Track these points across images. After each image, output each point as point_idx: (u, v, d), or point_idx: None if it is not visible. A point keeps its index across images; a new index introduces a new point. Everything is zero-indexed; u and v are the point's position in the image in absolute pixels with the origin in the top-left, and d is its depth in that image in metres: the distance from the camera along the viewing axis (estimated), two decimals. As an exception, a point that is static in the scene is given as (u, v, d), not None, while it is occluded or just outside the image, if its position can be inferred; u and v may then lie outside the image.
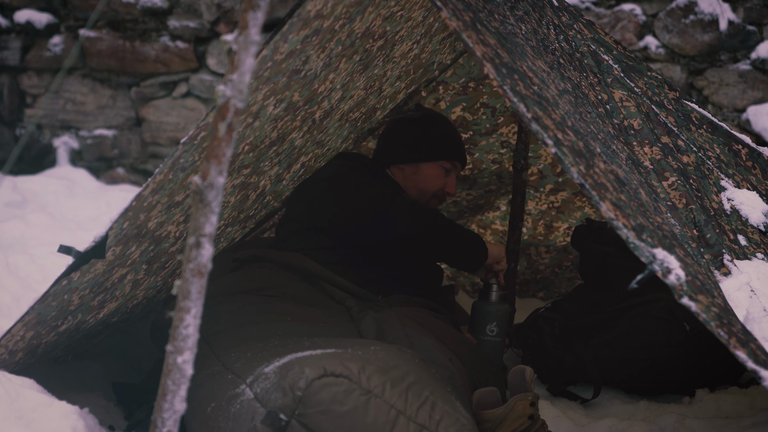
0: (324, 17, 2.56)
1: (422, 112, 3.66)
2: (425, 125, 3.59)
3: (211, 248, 1.79)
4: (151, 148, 6.28)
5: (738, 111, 5.67)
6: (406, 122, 3.63)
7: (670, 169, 3.03)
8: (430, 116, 3.64)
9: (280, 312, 2.88)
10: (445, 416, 2.43)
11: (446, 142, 3.58)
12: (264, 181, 3.25)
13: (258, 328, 2.77)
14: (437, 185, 3.55)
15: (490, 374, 2.99)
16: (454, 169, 3.59)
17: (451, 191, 3.58)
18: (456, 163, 3.59)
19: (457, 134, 3.64)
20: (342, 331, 2.82)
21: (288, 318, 2.84)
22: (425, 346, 2.80)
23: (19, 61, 6.26)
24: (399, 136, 3.61)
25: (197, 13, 6.13)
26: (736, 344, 2.22)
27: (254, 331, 2.76)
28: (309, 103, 3.00)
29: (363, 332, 2.85)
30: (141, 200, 2.59)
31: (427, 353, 2.76)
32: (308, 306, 2.95)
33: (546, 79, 2.66)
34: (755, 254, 2.90)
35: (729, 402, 3.25)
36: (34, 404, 2.42)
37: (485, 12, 2.58)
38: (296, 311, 2.90)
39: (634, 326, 3.50)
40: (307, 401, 2.37)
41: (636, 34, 5.72)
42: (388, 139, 3.64)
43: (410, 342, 2.81)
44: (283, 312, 2.88)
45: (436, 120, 3.63)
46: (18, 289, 3.87)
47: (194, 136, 2.54)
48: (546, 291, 4.64)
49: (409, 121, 3.63)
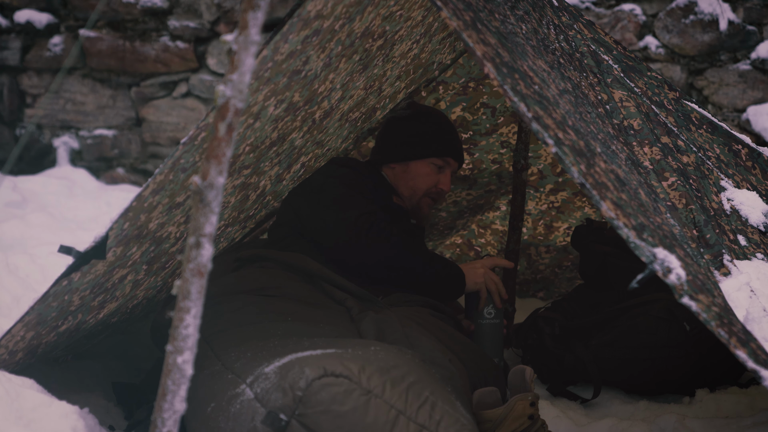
0: (324, 17, 2.56)
1: (413, 110, 3.60)
2: (413, 123, 3.54)
3: (211, 248, 1.79)
4: (151, 148, 6.28)
5: (738, 111, 5.67)
6: (396, 121, 3.59)
7: (669, 170, 3.03)
8: (421, 113, 3.58)
9: (280, 312, 2.87)
10: (445, 416, 2.43)
11: (435, 138, 3.52)
12: (264, 181, 3.25)
13: (258, 328, 2.77)
14: (428, 183, 3.50)
15: (490, 374, 2.98)
16: (448, 166, 3.53)
17: (445, 188, 3.51)
18: (448, 160, 3.53)
19: (448, 130, 3.57)
20: (342, 332, 2.82)
21: (288, 318, 2.84)
22: (425, 346, 2.80)
23: (19, 61, 6.26)
24: (388, 135, 3.58)
25: (197, 13, 6.13)
26: (737, 344, 2.22)
27: (254, 331, 2.76)
28: (309, 103, 3.00)
29: (363, 333, 2.85)
30: (141, 201, 2.59)
31: (427, 354, 2.75)
32: (309, 306, 2.95)
33: (546, 79, 2.66)
34: (755, 254, 2.90)
35: (729, 402, 3.25)
36: (34, 404, 2.42)
37: (486, 11, 2.58)
38: (296, 311, 2.89)
39: (634, 326, 3.50)
40: (307, 401, 2.37)
41: (636, 34, 5.72)
42: (380, 138, 3.61)
43: (410, 343, 2.80)
44: (284, 312, 2.87)
45: (425, 117, 3.57)
46: (18, 289, 3.87)
47: (194, 137, 2.54)
48: (546, 291, 4.64)
49: (399, 119, 3.59)
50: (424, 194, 3.52)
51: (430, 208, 3.57)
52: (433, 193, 3.52)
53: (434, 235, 4.52)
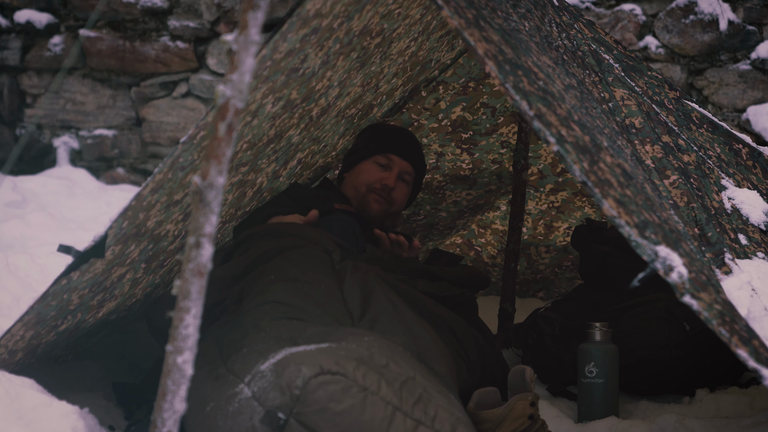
0: (323, 16, 2.56)
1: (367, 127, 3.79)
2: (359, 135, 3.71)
3: (211, 248, 1.79)
4: (151, 148, 6.27)
5: (738, 111, 5.67)
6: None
7: (671, 168, 3.03)
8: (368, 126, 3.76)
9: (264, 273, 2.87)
10: (440, 411, 2.44)
11: (374, 139, 3.62)
12: (261, 178, 3.25)
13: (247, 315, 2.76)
14: (369, 179, 3.56)
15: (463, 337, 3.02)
16: (393, 164, 3.58)
17: (389, 183, 3.55)
18: (391, 157, 3.59)
19: (393, 133, 3.66)
20: (327, 302, 2.80)
21: (272, 276, 2.83)
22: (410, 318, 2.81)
23: (19, 61, 6.25)
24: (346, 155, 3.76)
25: (197, 13, 6.13)
26: (738, 342, 2.21)
27: (245, 318, 2.75)
28: (307, 100, 3.00)
29: (347, 296, 2.84)
30: (140, 200, 2.59)
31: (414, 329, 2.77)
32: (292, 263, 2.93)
33: (551, 75, 2.66)
34: (756, 253, 2.90)
35: (729, 402, 3.24)
36: (34, 404, 2.42)
37: (488, 9, 2.57)
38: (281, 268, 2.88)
39: (634, 326, 3.50)
40: (304, 400, 2.37)
41: (636, 34, 5.71)
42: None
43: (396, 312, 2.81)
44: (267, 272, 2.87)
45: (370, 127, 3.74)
46: (18, 289, 3.86)
47: (193, 136, 2.54)
48: (546, 291, 4.63)
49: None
50: (366, 189, 3.56)
51: (379, 204, 3.58)
52: (377, 189, 3.56)
53: (434, 235, 4.52)
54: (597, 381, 3.21)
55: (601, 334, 3.24)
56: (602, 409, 3.20)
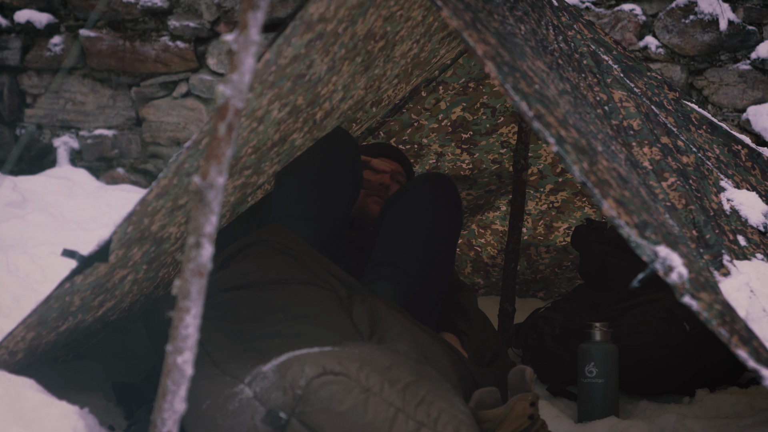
0: (327, 21, 2.55)
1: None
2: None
3: (211, 248, 1.79)
4: (151, 148, 6.27)
5: (738, 111, 5.67)
6: None
7: (669, 170, 3.03)
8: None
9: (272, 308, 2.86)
10: (442, 413, 2.44)
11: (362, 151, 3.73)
12: (263, 179, 3.25)
13: (248, 325, 2.76)
14: (366, 185, 3.63)
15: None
16: (385, 166, 3.67)
17: (385, 181, 3.63)
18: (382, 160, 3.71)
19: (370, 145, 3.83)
20: (336, 326, 2.80)
21: (281, 315, 2.82)
22: (419, 338, 2.80)
23: (19, 61, 6.25)
24: None
25: (197, 13, 6.13)
26: (738, 342, 2.21)
27: (244, 327, 2.74)
28: (311, 105, 3.00)
29: (356, 322, 2.85)
30: (145, 205, 2.59)
31: (421, 345, 2.76)
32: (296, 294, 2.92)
33: (546, 80, 2.66)
34: (755, 255, 2.90)
35: (729, 402, 3.25)
36: (34, 404, 2.42)
37: (485, 12, 2.57)
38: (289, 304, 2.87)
39: (634, 326, 3.50)
40: (306, 399, 2.37)
41: (636, 34, 5.71)
42: None
43: (404, 329, 2.80)
44: (275, 308, 2.86)
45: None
46: (18, 289, 3.86)
47: (198, 141, 2.54)
48: (546, 291, 4.64)
49: None
50: (365, 195, 3.62)
51: (378, 204, 3.63)
52: (375, 189, 3.63)
53: (434, 235, 4.52)
54: (597, 381, 3.22)
55: (601, 334, 3.25)
56: (602, 409, 3.20)
